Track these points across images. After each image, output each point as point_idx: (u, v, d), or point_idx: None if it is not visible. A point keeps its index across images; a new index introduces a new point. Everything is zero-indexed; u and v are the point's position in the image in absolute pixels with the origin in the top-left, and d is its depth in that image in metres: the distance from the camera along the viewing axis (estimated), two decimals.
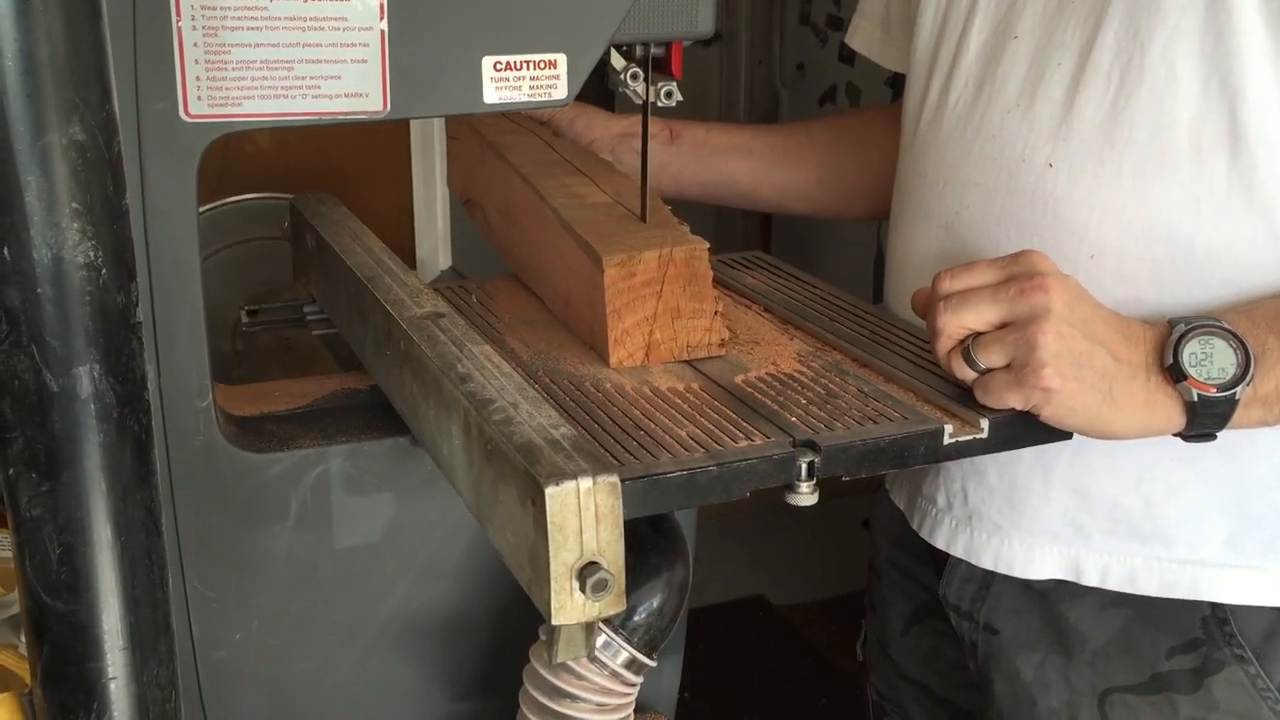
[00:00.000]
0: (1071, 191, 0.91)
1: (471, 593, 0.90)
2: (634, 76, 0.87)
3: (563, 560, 0.56)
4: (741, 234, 4.12)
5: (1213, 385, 0.79)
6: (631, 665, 0.84)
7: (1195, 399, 0.80)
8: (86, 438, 0.56)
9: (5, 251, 0.53)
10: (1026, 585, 1.00)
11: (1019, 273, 0.80)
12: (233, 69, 0.73)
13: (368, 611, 0.88)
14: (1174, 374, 0.80)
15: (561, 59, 0.81)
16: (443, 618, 0.90)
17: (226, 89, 0.74)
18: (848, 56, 3.83)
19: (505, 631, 0.90)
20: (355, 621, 0.88)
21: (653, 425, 0.78)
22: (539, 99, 0.82)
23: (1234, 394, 0.79)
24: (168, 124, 0.72)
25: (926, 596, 1.13)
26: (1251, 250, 0.88)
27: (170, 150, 0.73)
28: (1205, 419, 0.80)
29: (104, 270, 0.55)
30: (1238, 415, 0.80)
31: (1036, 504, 0.97)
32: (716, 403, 0.82)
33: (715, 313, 0.89)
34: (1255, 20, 0.84)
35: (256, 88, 0.74)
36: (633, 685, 0.85)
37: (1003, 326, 0.80)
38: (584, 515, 0.57)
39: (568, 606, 0.57)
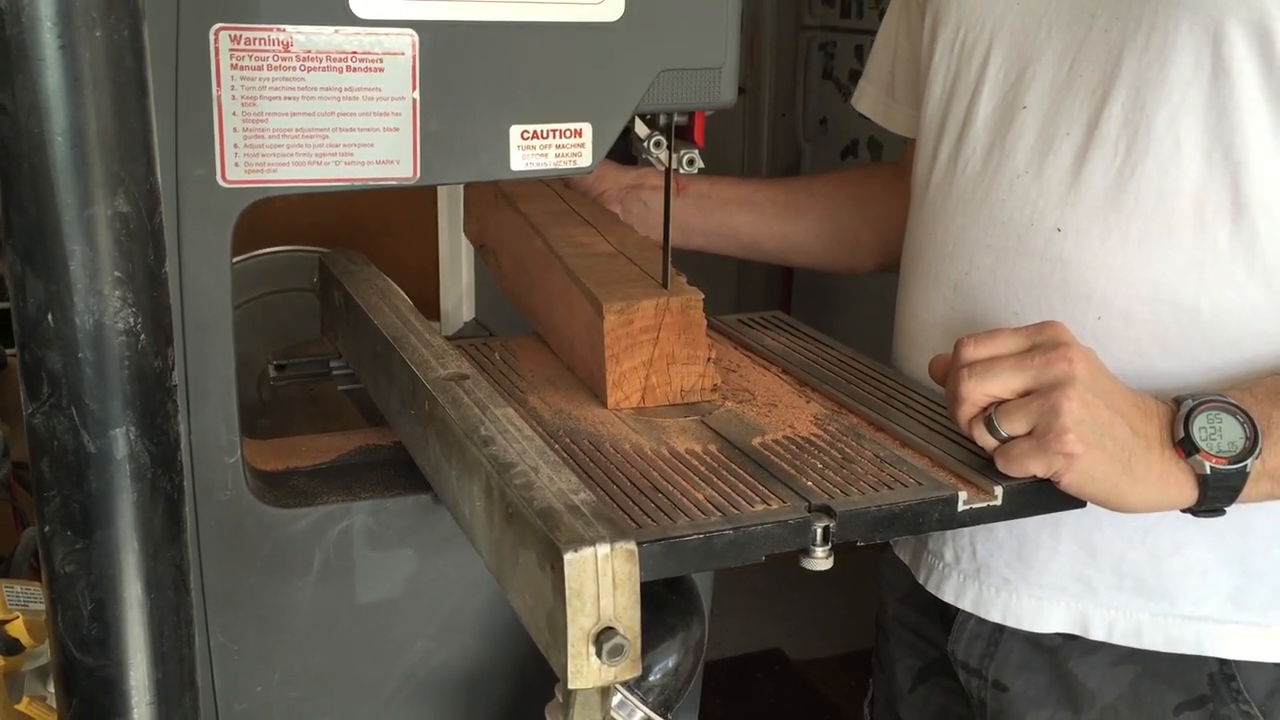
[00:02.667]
0: (1079, 255, 0.93)
1: (490, 649, 0.91)
2: (657, 144, 0.90)
3: (580, 625, 0.58)
4: (764, 291, 4.15)
5: (1224, 458, 0.80)
6: None
7: (1208, 471, 0.81)
8: (121, 497, 0.58)
9: (49, 318, 0.55)
10: (1035, 642, 1.01)
11: (1043, 342, 0.81)
12: (269, 137, 0.76)
13: (388, 666, 0.89)
14: (1186, 448, 0.81)
15: (587, 128, 0.84)
16: (462, 674, 0.91)
17: (263, 156, 0.76)
18: None
19: (523, 689, 0.91)
20: (375, 676, 0.89)
21: (670, 488, 0.79)
22: (565, 166, 0.84)
23: (1245, 466, 0.80)
24: (205, 189, 0.75)
25: (935, 654, 1.14)
26: (1254, 315, 0.90)
27: (207, 214, 0.75)
28: (1217, 492, 0.81)
29: (142, 336, 0.57)
30: (1247, 489, 0.81)
31: (1045, 558, 0.98)
32: (734, 465, 0.83)
33: (708, 359, 0.94)
34: (1258, 98, 0.87)
35: (292, 155, 0.77)
36: None
37: (1025, 394, 0.81)
38: (601, 581, 0.58)
39: (584, 671, 0.58)
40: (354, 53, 0.76)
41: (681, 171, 0.92)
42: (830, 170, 1.27)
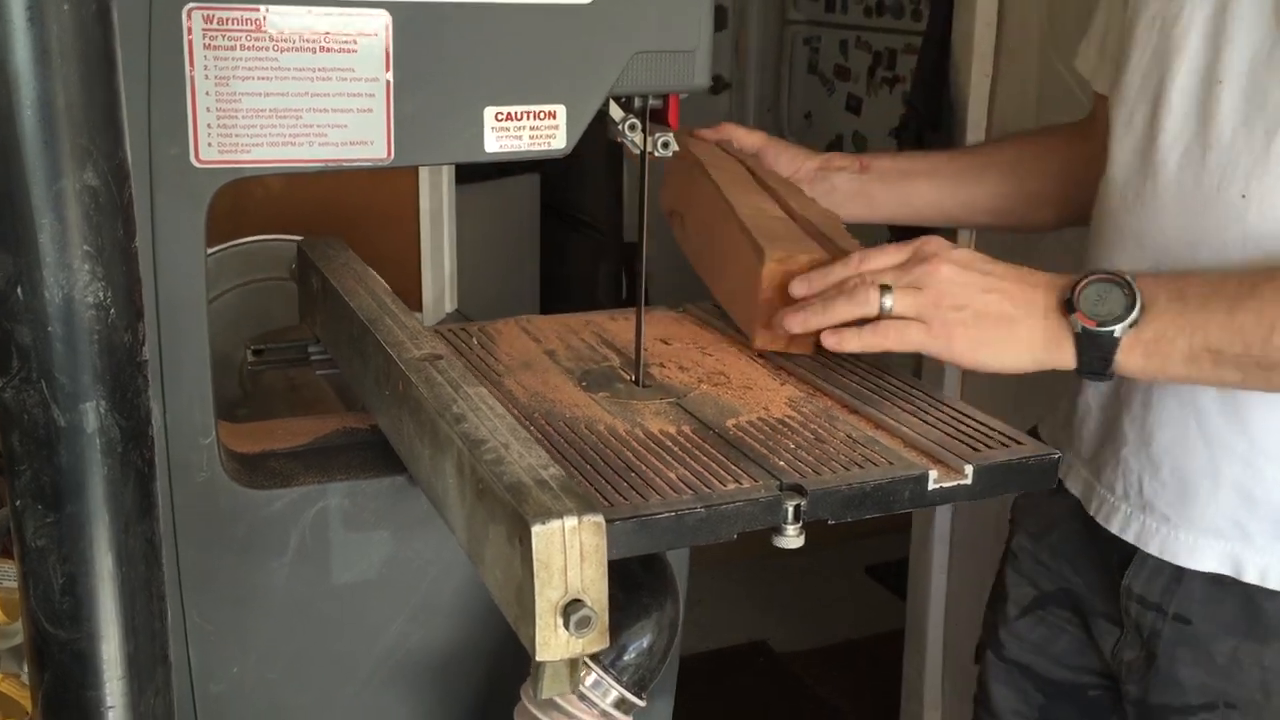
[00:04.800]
0: (1261, 223, 0.96)
1: (466, 630, 0.91)
2: (632, 127, 0.90)
3: (547, 597, 0.58)
4: None
5: (1095, 320, 0.91)
6: (621, 705, 0.85)
7: (1080, 330, 0.91)
8: (91, 471, 0.58)
9: (19, 291, 0.55)
10: (1219, 580, 1.06)
11: (918, 250, 0.95)
12: (243, 117, 0.76)
13: (364, 647, 0.89)
14: (1067, 308, 0.92)
15: (561, 110, 0.84)
16: (437, 654, 0.91)
17: (236, 136, 0.76)
18: (854, 106, 3.87)
19: (498, 670, 0.91)
20: (351, 656, 0.89)
21: (644, 467, 0.80)
22: (539, 148, 0.85)
23: (1113, 331, 0.90)
24: (179, 169, 0.75)
25: (1051, 588, 1.21)
26: None
27: (181, 194, 0.76)
28: (1091, 353, 0.92)
29: (112, 310, 0.58)
30: (1122, 356, 0.91)
31: (1204, 502, 1.03)
32: (707, 446, 0.84)
33: None
34: None
35: (265, 135, 0.77)
36: None
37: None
38: (569, 553, 0.58)
39: (551, 643, 0.58)
40: (327, 33, 0.76)
41: (656, 154, 0.92)
42: (1004, 136, 1.41)
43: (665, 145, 0.92)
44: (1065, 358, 0.93)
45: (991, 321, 0.93)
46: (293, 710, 0.88)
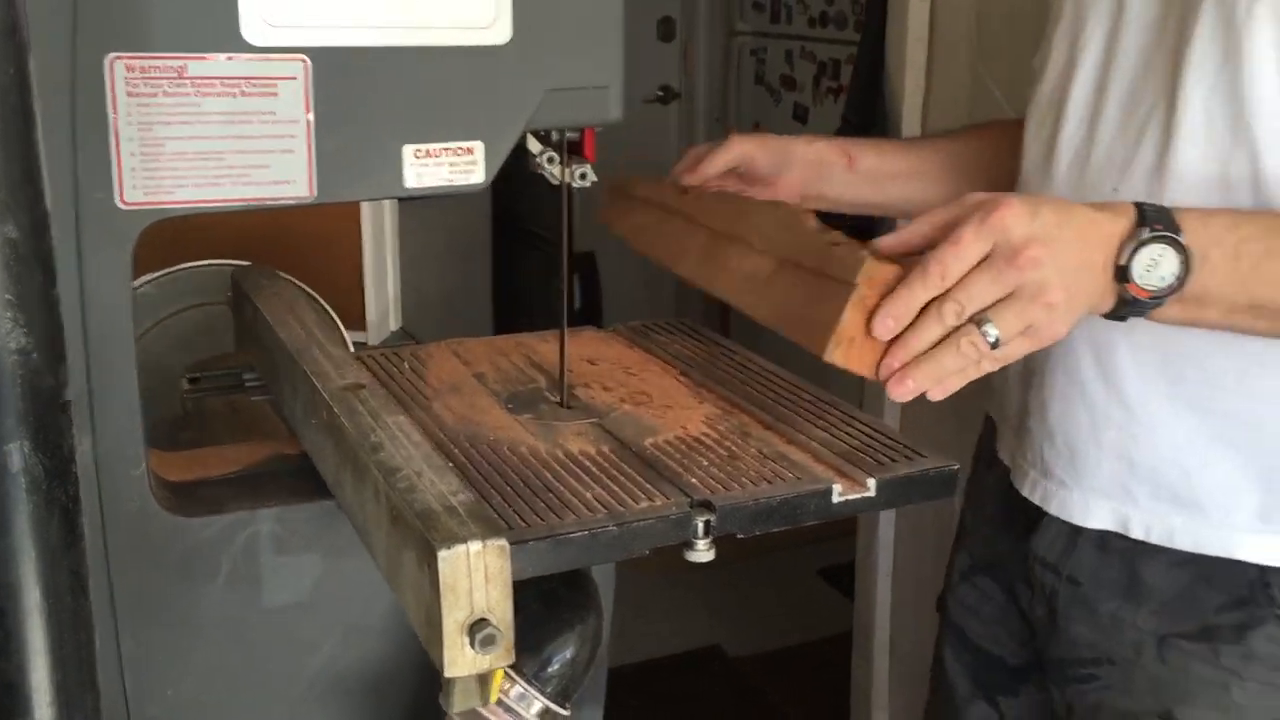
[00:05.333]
0: None
1: (396, 650, 0.94)
2: (550, 160, 0.94)
3: (454, 618, 0.62)
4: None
5: (1150, 292, 0.86)
6: (546, 714, 0.88)
7: (1129, 298, 0.86)
8: (17, 509, 0.61)
9: None
10: (1105, 545, 1.12)
11: (1002, 244, 0.82)
12: (167, 160, 0.79)
13: (297, 668, 0.92)
14: (1120, 275, 0.86)
15: (479, 146, 0.87)
16: (369, 673, 0.94)
17: (160, 178, 0.79)
18: (801, 115, 3.93)
19: (428, 687, 0.94)
20: (285, 677, 0.92)
21: (561, 487, 0.83)
22: (458, 182, 0.88)
23: (1164, 300, 0.86)
24: (104, 212, 0.78)
25: (984, 554, 1.28)
26: None
27: (106, 236, 0.78)
28: (1127, 310, 0.87)
29: (34, 354, 0.60)
30: (1158, 311, 0.87)
31: (1091, 466, 1.09)
32: (624, 465, 0.88)
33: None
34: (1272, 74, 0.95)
35: (189, 177, 0.80)
36: None
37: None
38: (474, 576, 0.62)
39: (459, 660, 0.62)
40: (248, 78, 0.79)
41: (575, 185, 0.96)
42: (972, 129, 1.39)
43: (583, 176, 0.95)
44: (1103, 309, 0.89)
45: (1079, 300, 0.86)
46: None
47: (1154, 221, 0.85)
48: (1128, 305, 0.87)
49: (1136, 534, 1.09)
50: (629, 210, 1.20)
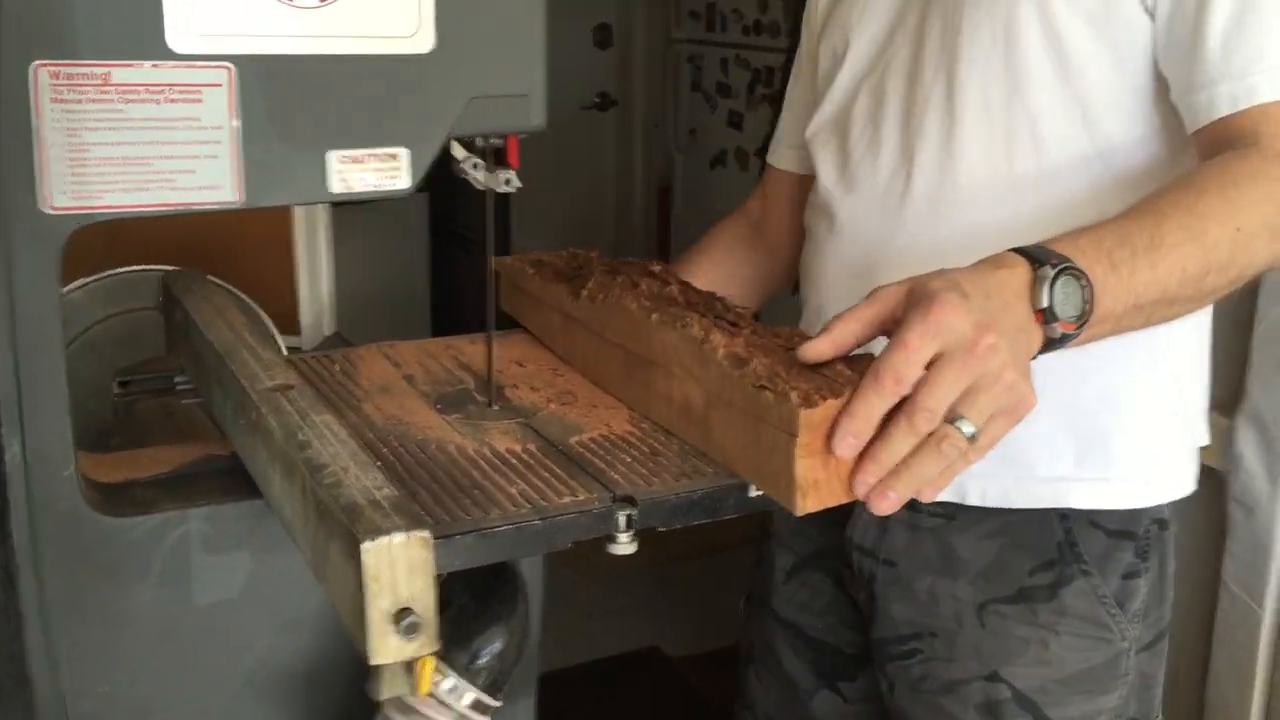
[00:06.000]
0: (926, 190, 1.16)
1: (330, 645, 0.96)
2: (475, 166, 0.96)
3: (379, 607, 0.64)
4: (641, 249, 4.26)
5: (1073, 324, 0.86)
6: (478, 706, 0.91)
7: (1059, 336, 0.86)
8: None
9: None
10: (915, 525, 1.21)
11: (954, 340, 0.80)
12: (93, 165, 0.80)
13: (232, 664, 0.93)
14: (1047, 316, 0.85)
15: (404, 152, 0.90)
16: (304, 666, 0.96)
17: (87, 183, 0.81)
18: (735, 122, 3.98)
19: (363, 680, 0.96)
20: (220, 673, 0.93)
21: (487, 484, 0.85)
22: (384, 187, 0.90)
23: (1079, 332, 0.87)
24: (31, 216, 0.79)
25: (808, 550, 1.34)
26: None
27: (34, 240, 0.80)
28: (1052, 349, 0.87)
29: None
30: (1082, 336, 0.87)
31: None
32: (549, 462, 0.90)
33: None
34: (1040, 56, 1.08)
35: (116, 182, 0.81)
36: None
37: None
38: (397, 567, 0.64)
39: (383, 648, 0.64)
40: (172, 85, 0.81)
41: (500, 190, 0.98)
42: (737, 222, 1.45)
43: (508, 182, 0.97)
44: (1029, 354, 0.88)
45: (1025, 362, 0.84)
46: None
47: (1048, 259, 0.86)
48: (1055, 343, 0.86)
49: (973, 500, 1.17)
50: (528, 306, 1.19)
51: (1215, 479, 1.73)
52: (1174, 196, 0.95)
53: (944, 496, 1.13)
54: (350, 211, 2.14)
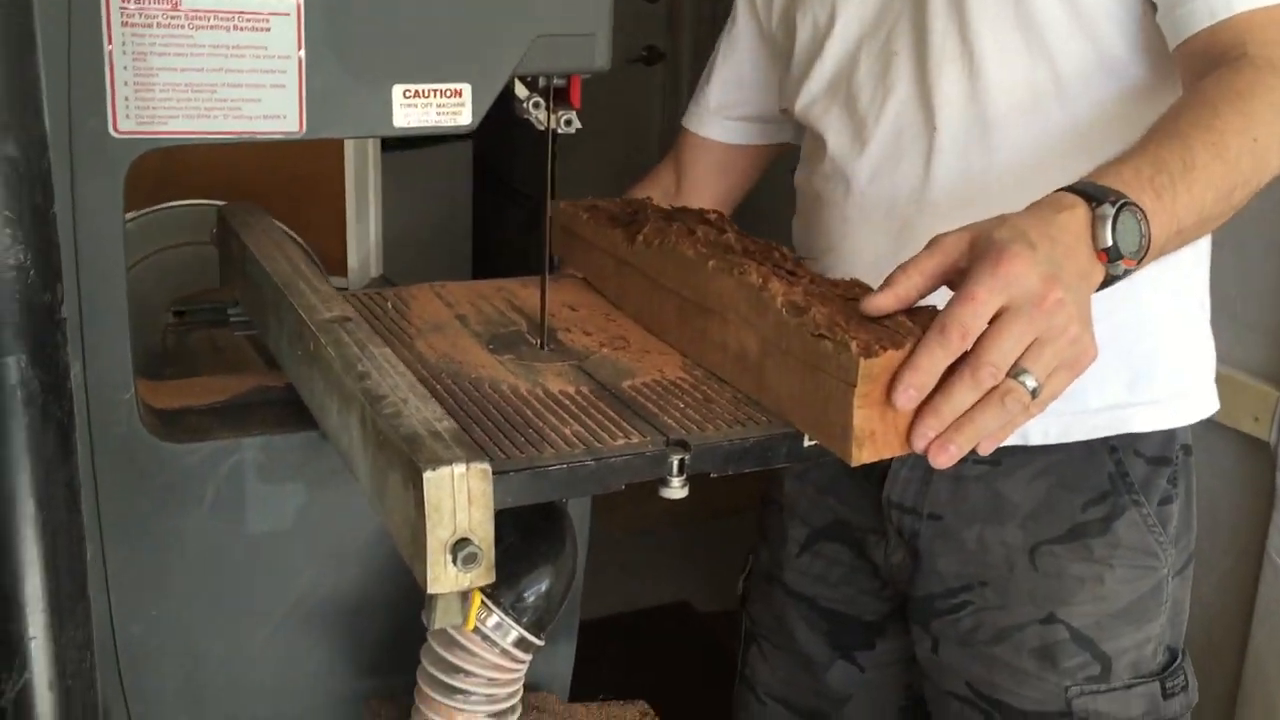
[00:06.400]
0: (953, 144, 1.16)
1: (375, 578, 0.97)
2: (535, 105, 0.95)
3: (438, 536, 0.64)
4: None
5: (1135, 259, 0.85)
6: (521, 644, 0.91)
7: (1121, 273, 0.85)
8: (13, 421, 0.63)
9: None
10: (961, 475, 1.21)
11: (1019, 294, 0.79)
12: (160, 90, 0.81)
13: (277, 593, 0.94)
14: (1111, 254, 0.84)
15: (467, 88, 0.89)
16: (349, 601, 0.97)
17: (153, 108, 0.81)
18: None
19: (406, 614, 0.97)
20: (265, 602, 0.95)
21: (541, 423, 0.85)
22: (445, 123, 0.90)
23: (1139, 266, 0.86)
24: (98, 139, 0.79)
25: (824, 522, 1.34)
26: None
27: (99, 163, 0.80)
28: (1113, 284, 0.87)
29: (32, 271, 0.62)
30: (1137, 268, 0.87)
31: None
32: (602, 404, 0.90)
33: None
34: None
35: (181, 108, 0.82)
36: (522, 662, 0.92)
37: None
38: (458, 497, 0.64)
39: (442, 577, 0.65)
40: (241, 12, 0.81)
41: (560, 131, 0.97)
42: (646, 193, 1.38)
43: (568, 122, 0.97)
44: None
45: (1087, 308, 0.83)
46: (208, 651, 0.93)
47: (1105, 197, 0.85)
48: (1116, 279, 0.86)
49: (1036, 440, 1.17)
50: (581, 251, 1.18)
51: (1263, 452, 1.71)
52: (1191, 116, 0.95)
53: (1008, 440, 1.13)
54: (397, 156, 2.14)
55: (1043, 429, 1.17)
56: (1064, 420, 1.17)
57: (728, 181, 1.45)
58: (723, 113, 1.42)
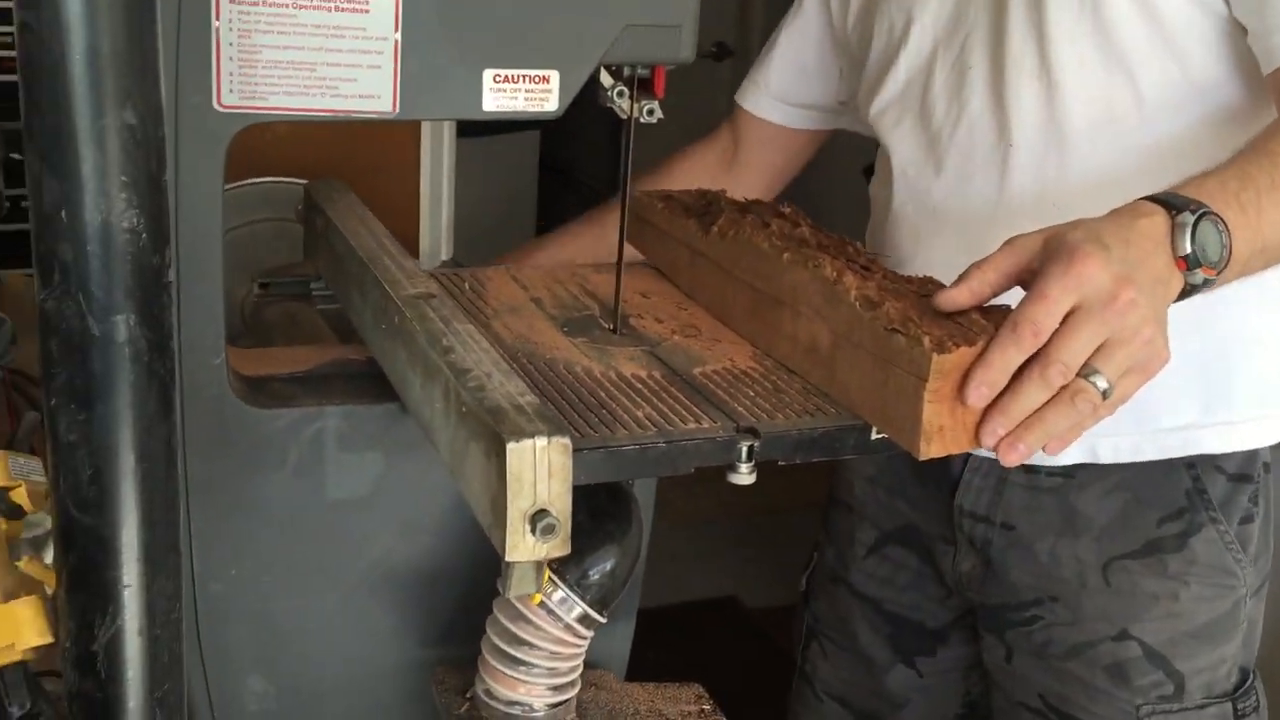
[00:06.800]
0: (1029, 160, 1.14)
1: (447, 549, 0.99)
2: (620, 94, 0.97)
3: (518, 506, 0.66)
4: None
5: (1214, 269, 0.85)
6: (584, 620, 0.93)
7: (1200, 282, 0.85)
8: (120, 376, 0.66)
9: (63, 214, 0.63)
10: (1035, 485, 1.20)
11: (1090, 293, 0.79)
12: (262, 67, 0.83)
13: (352, 558, 0.97)
14: (1189, 262, 0.84)
15: (555, 75, 0.91)
16: (420, 570, 1.00)
17: (255, 84, 0.84)
18: None
19: (475, 586, 0.99)
20: (340, 567, 0.97)
21: (614, 405, 0.87)
22: (533, 109, 0.92)
23: (1219, 277, 0.86)
24: (202, 112, 0.82)
25: (892, 526, 1.34)
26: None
27: (202, 135, 0.83)
28: (1193, 295, 0.86)
29: (144, 235, 0.65)
30: (1217, 281, 0.86)
31: None
32: (674, 390, 0.92)
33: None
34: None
35: (282, 85, 0.84)
36: (584, 638, 0.94)
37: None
38: (538, 469, 0.67)
39: (520, 546, 0.67)
40: None
41: (642, 120, 0.99)
42: (705, 153, 1.47)
43: (650, 112, 0.99)
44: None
45: (1163, 313, 0.83)
46: (283, 612, 0.96)
47: (1185, 205, 0.85)
48: (1193, 290, 0.85)
49: (1106, 459, 1.16)
50: (655, 240, 1.19)
51: None
52: None
53: (1074, 457, 1.15)
54: (468, 143, 2.17)
55: (1113, 446, 1.16)
56: (1134, 439, 1.16)
57: (782, 159, 1.46)
58: (783, 98, 1.43)
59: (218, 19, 0.81)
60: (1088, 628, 1.20)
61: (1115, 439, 1.15)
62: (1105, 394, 0.80)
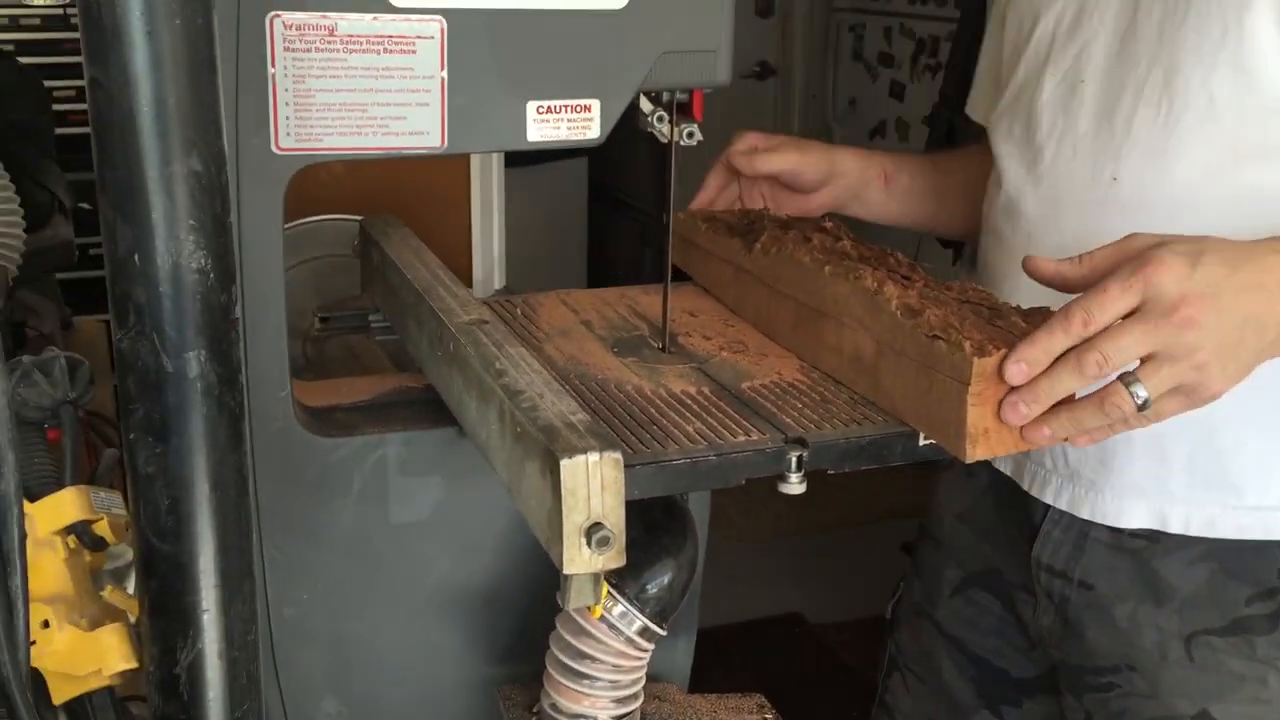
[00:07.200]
0: (1134, 197, 1.05)
1: (508, 568, 1.02)
2: (660, 119, 1.00)
3: (573, 520, 0.69)
4: None
5: None
6: (644, 633, 0.96)
7: None
8: (193, 410, 0.69)
9: (135, 258, 0.67)
10: (1118, 545, 1.13)
11: (1153, 296, 0.78)
12: (316, 110, 0.87)
13: (416, 581, 1.00)
14: None
15: (596, 104, 0.94)
16: (482, 590, 1.03)
17: (310, 127, 0.87)
18: (897, 92, 3.94)
19: (536, 604, 1.02)
20: (406, 589, 1.01)
21: (664, 421, 0.90)
22: (575, 137, 0.95)
23: None
24: (261, 155, 0.86)
25: (977, 568, 1.28)
26: None
27: (262, 177, 0.87)
28: None
29: (212, 275, 0.69)
30: None
31: (1122, 463, 1.08)
32: (722, 404, 0.94)
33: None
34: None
35: (336, 126, 0.88)
36: (645, 651, 0.96)
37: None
38: (591, 484, 0.69)
39: (577, 559, 0.69)
40: (390, 36, 0.87)
41: (682, 143, 1.02)
42: (972, 149, 1.38)
43: (690, 135, 1.01)
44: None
45: (1242, 356, 0.81)
46: (353, 633, 1.00)
47: None
48: None
49: (1175, 528, 1.08)
50: (700, 259, 1.21)
51: None
52: None
53: (1142, 522, 1.09)
54: (518, 173, 2.21)
55: (1184, 517, 1.08)
56: (1209, 511, 1.08)
57: None
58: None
59: (273, 66, 0.85)
60: (1166, 703, 1.12)
61: (1188, 509, 1.08)
62: (1142, 406, 0.79)
